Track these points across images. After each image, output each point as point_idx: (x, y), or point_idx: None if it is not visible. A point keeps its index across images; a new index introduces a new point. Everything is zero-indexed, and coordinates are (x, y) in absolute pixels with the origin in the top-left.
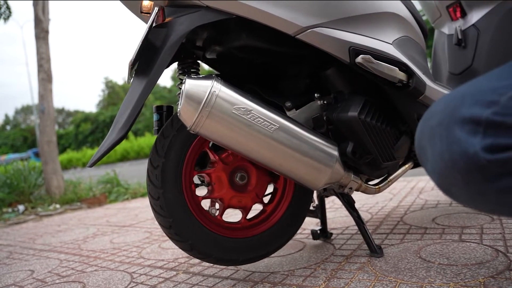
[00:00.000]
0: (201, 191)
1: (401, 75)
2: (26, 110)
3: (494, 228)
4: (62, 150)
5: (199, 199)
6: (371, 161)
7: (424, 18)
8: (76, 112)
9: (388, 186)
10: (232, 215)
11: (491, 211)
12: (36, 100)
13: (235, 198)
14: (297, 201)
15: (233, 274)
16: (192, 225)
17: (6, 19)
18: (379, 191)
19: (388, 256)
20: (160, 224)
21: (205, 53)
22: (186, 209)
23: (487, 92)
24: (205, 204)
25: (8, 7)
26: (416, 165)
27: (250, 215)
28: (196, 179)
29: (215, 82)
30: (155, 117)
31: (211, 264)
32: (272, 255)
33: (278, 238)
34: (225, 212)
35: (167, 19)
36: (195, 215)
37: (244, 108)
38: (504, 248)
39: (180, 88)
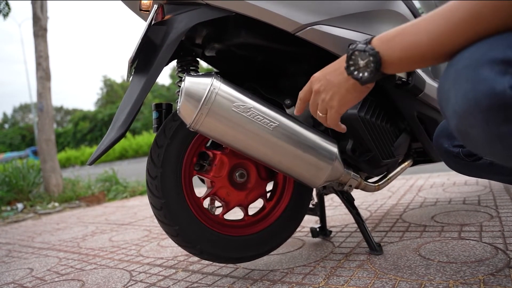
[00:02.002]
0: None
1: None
2: (24, 109)
3: (493, 226)
4: (60, 148)
5: (194, 173)
6: (371, 158)
7: None
8: (75, 110)
9: (388, 183)
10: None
11: (506, 159)
12: (34, 99)
13: (224, 189)
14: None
15: (233, 272)
16: (175, 190)
17: (5, 15)
18: (378, 188)
19: (387, 254)
20: (148, 173)
21: (205, 51)
22: (178, 172)
23: None
24: (205, 202)
25: (7, 4)
26: (416, 162)
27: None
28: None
29: (215, 80)
30: (154, 114)
31: (211, 262)
32: (271, 253)
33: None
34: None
35: (166, 17)
36: (182, 183)
37: (244, 105)
38: (503, 245)
39: (180, 86)
